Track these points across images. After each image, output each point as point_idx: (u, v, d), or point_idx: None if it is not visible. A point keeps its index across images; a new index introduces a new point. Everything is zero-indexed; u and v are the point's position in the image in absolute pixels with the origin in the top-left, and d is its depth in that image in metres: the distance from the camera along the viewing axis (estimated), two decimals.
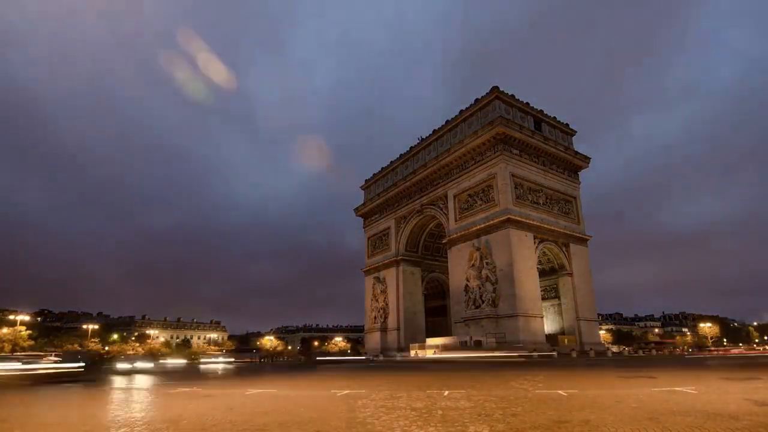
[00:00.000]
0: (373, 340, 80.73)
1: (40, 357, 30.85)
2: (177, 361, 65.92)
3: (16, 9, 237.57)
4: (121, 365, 36.80)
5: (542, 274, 60.93)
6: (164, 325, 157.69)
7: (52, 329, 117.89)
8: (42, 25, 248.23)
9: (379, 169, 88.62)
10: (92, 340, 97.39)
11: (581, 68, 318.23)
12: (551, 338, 57.42)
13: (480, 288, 57.54)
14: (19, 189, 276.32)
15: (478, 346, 53.90)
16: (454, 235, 63.52)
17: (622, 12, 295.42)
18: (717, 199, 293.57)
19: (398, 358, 60.52)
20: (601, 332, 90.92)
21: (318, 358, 64.01)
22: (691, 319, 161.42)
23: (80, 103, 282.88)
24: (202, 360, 65.40)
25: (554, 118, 68.14)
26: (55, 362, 26.47)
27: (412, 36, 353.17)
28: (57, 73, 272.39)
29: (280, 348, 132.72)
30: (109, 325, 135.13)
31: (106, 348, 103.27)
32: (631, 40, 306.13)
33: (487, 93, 63.10)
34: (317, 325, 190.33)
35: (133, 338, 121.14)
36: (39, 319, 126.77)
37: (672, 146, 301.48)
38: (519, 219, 56.74)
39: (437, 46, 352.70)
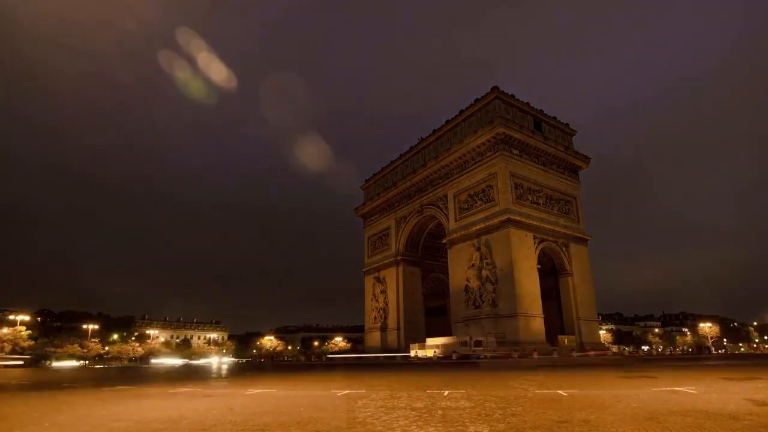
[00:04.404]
0: (373, 339, 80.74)
1: None
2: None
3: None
4: None
5: (542, 274, 60.91)
6: (164, 324, 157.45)
7: (52, 329, 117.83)
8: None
9: (379, 169, 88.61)
10: (92, 340, 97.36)
11: None
12: (551, 338, 57.40)
13: (480, 288, 57.55)
14: (21, 189, 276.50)
15: (478, 346, 53.89)
16: (454, 235, 63.52)
17: None
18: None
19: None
20: (601, 332, 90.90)
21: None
22: (691, 319, 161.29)
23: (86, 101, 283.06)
24: None
25: (554, 118, 68.16)
26: None
27: None
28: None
29: (279, 348, 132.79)
30: (109, 325, 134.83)
31: (106, 348, 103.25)
32: None
33: (487, 93, 63.10)
34: (317, 324, 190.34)
35: (133, 338, 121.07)
36: (39, 319, 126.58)
37: None
38: (519, 219, 56.74)
39: None
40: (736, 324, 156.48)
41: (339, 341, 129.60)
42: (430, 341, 61.67)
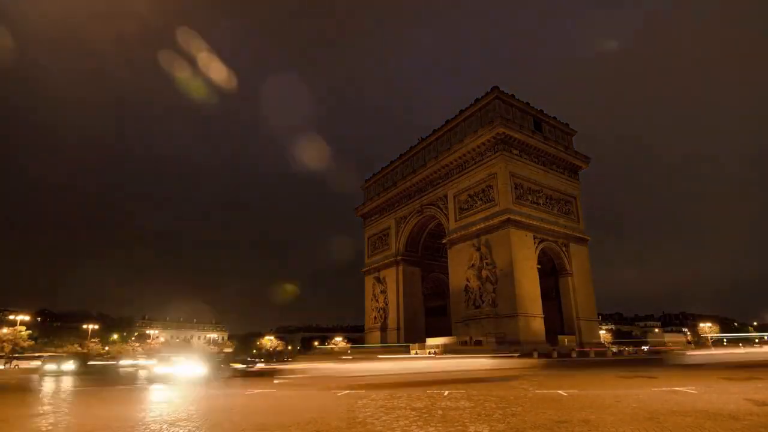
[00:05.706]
0: (373, 339, 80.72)
1: None
2: None
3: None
4: None
5: (542, 274, 60.88)
6: (165, 324, 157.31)
7: (52, 329, 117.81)
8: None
9: (379, 169, 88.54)
10: (92, 340, 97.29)
11: None
12: (551, 338, 57.36)
13: (480, 288, 57.53)
14: (20, 189, 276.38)
15: (478, 346, 53.88)
16: (454, 235, 63.48)
17: None
18: None
19: None
20: (601, 332, 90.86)
21: None
22: (691, 319, 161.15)
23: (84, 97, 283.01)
24: None
25: (554, 118, 68.11)
26: None
27: None
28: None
29: (280, 348, 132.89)
30: (109, 325, 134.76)
31: (107, 348, 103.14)
32: None
33: (487, 93, 63.04)
34: (317, 324, 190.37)
35: (134, 338, 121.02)
36: (39, 319, 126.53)
37: None
38: (519, 219, 56.71)
39: None
40: (736, 324, 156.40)
41: (339, 341, 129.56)
42: (430, 341, 61.66)
